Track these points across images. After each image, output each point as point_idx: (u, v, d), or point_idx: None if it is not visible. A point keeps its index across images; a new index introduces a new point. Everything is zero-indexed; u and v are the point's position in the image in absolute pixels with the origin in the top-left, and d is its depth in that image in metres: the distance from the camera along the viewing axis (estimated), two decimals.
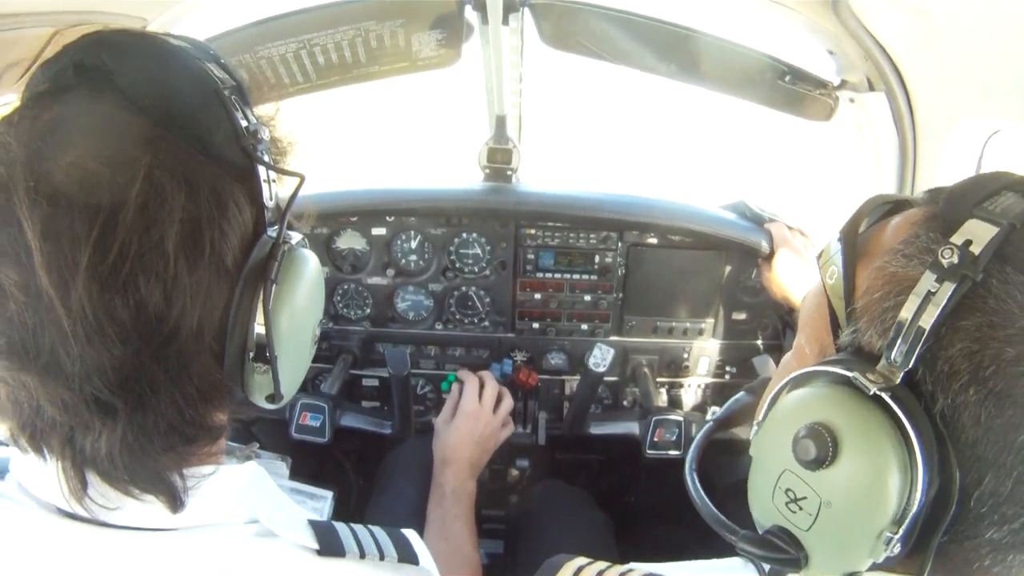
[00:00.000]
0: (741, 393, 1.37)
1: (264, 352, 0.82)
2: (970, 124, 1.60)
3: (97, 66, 0.76)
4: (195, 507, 0.84)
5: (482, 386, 2.20)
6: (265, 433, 2.37)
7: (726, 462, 1.08)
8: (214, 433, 0.88)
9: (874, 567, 0.73)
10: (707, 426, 1.31)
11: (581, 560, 0.99)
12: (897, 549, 0.70)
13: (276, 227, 0.85)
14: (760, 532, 0.82)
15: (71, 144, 0.71)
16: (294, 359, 0.90)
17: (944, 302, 0.67)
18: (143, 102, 0.75)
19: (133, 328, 0.72)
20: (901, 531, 0.69)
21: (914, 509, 0.68)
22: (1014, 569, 0.73)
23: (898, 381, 0.70)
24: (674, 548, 1.05)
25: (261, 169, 0.83)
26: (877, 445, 0.69)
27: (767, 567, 0.87)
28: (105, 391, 0.73)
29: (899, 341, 0.69)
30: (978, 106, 1.54)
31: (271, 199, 0.85)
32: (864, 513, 0.70)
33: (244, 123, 0.82)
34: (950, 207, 0.74)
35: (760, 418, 0.85)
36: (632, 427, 2.26)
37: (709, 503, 1.02)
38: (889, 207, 0.86)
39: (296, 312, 0.86)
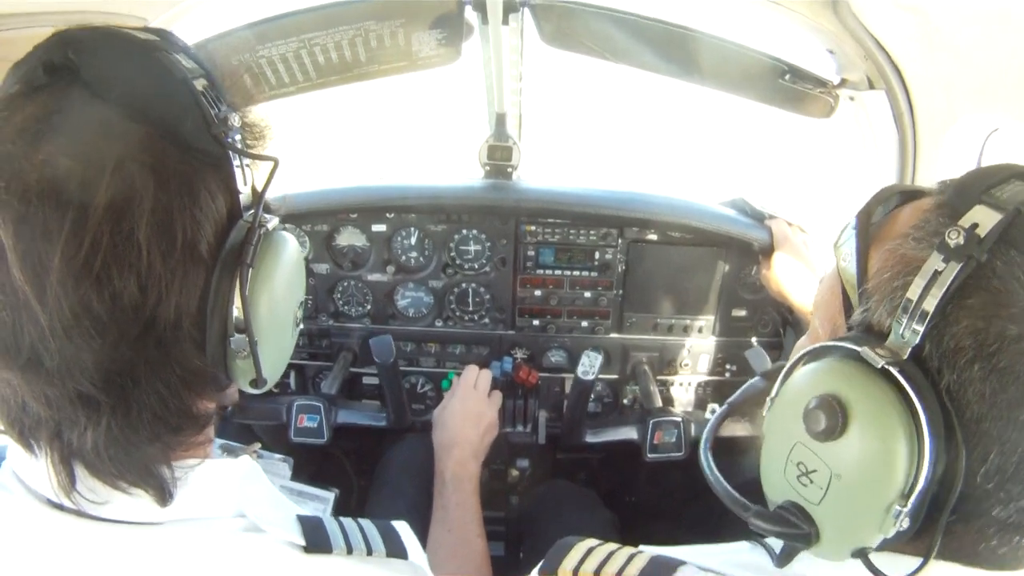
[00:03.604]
0: (756, 378, 1.37)
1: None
2: (970, 122, 1.61)
3: (65, 64, 0.76)
4: (182, 501, 0.85)
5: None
6: (266, 433, 2.37)
7: (732, 462, 1.08)
8: (200, 421, 0.88)
9: (883, 546, 0.74)
10: (722, 409, 1.32)
11: (591, 542, 1.00)
12: (906, 524, 0.71)
13: (252, 212, 0.85)
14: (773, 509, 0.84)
15: (43, 142, 0.71)
16: (276, 342, 0.91)
17: (950, 281, 0.69)
18: (111, 96, 0.76)
19: (110, 321, 0.73)
20: (910, 504, 0.70)
21: (922, 482, 0.70)
22: (1021, 551, 0.75)
23: (906, 357, 0.72)
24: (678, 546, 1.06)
25: (234, 155, 0.84)
26: (885, 417, 0.71)
27: (777, 550, 0.88)
28: (87, 385, 0.74)
29: (907, 318, 0.72)
30: (978, 104, 1.54)
31: (245, 184, 0.85)
32: (873, 485, 0.72)
33: (214, 111, 0.82)
34: (959, 194, 0.77)
35: (773, 394, 0.88)
36: (630, 432, 2.25)
37: (723, 481, 1.04)
38: (903, 196, 0.88)
39: (275, 295, 0.87)
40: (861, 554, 0.76)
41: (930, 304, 0.70)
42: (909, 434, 0.70)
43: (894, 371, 0.71)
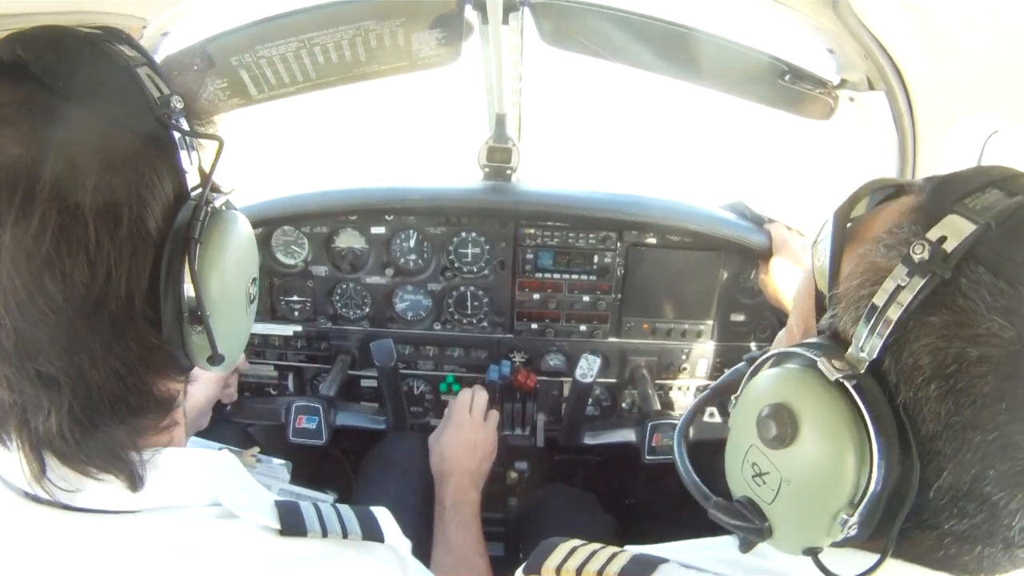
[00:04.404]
0: (741, 363, 1.36)
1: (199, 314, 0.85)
2: (970, 123, 1.60)
3: (14, 61, 0.79)
4: (155, 489, 0.87)
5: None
6: (265, 436, 2.37)
7: (724, 465, 1.08)
8: (164, 404, 0.90)
9: (842, 544, 0.74)
10: (704, 393, 1.32)
11: (575, 542, 1.01)
12: (854, 531, 0.71)
13: (199, 191, 0.88)
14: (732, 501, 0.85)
15: None
16: (230, 318, 0.93)
17: (911, 298, 0.68)
18: (57, 85, 0.79)
19: (63, 299, 0.75)
20: (857, 514, 0.70)
21: (870, 494, 0.69)
22: (984, 561, 0.74)
23: (863, 370, 0.71)
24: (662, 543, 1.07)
25: (179, 137, 0.87)
26: (834, 430, 0.71)
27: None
28: (45, 364, 0.77)
29: (867, 330, 0.71)
30: (978, 105, 1.54)
31: (191, 164, 0.88)
32: (820, 494, 0.72)
33: (157, 94, 0.85)
34: (933, 200, 0.75)
35: (738, 392, 0.89)
36: (628, 434, 2.25)
37: (691, 469, 1.05)
38: (887, 192, 0.87)
39: (225, 270, 0.89)
40: (812, 553, 0.76)
41: (891, 318, 0.69)
42: (859, 447, 0.69)
43: (848, 385, 0.70)
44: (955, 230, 0.69)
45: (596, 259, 2.32)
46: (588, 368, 2.10)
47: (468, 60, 2.01)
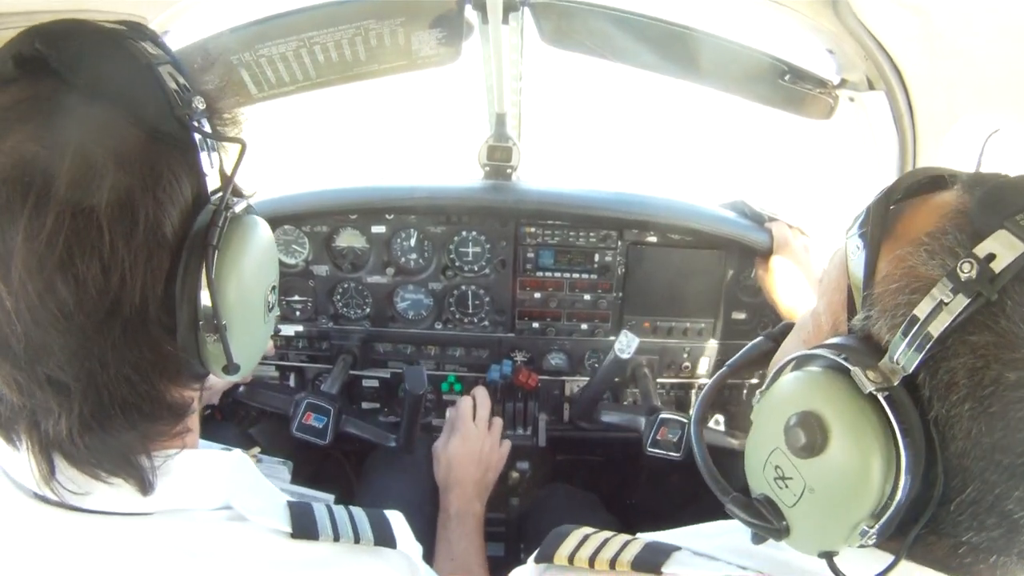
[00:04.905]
0: (760, 338, 1.32)
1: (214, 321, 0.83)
2: (970, 122, 1.60)
3: (33, 55, 0.76)
4: (166, 492, 0.86)
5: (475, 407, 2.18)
6: (264, 436, 2.36)
7: (734, 467, 1.06)
8: (176, 411, 0.88)
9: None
10: (721, 371, 1.30)
11: (586, 529, 1.01)
12: (872, 541, 0.71)
13: (219, 195, 0.85)
14: (751, 497, 0.85)
15: (12, 131, 0.72)
16: (248, 327, 0.90)
17: (954, 316, 0.66)
18: (77, 82, 0.76)
19: (75, 304, 0.73)
20: (877, 526, 0.70)
21: (893, 507, 0.69)
22: (998, 570, 0.74)
23: (897, 382, 0.70)
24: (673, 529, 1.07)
25: (200, 139, 0.84)
26: (865, 445, 0.70)
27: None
28: (55, 369, 0.75)
29: (904, 343, 0.69)
30: (978, 104, 1.54)
31: (211, 167, 0.85)
32: (844, 506, 0.72)
33: (179, 95, 0.82)
34: (983, 210, 0.71)
35: (764, 387, 0.87)
36: (639, 419, 2.24)
37: (709, 459, 1.04)
38: (926, 183, 0.83)
39: (244, 278, 0.86)
40: (827, 556, 0.75)
41: (931, 332, 0.67)
42: (887, 464, 0.69)
43: (882, 399, 0.69)
44: (1005, 249, 0.66)
45: (597, 258, 2.32)
46: (627, 344, 2.07)
47: (468, 60, 2.01)
